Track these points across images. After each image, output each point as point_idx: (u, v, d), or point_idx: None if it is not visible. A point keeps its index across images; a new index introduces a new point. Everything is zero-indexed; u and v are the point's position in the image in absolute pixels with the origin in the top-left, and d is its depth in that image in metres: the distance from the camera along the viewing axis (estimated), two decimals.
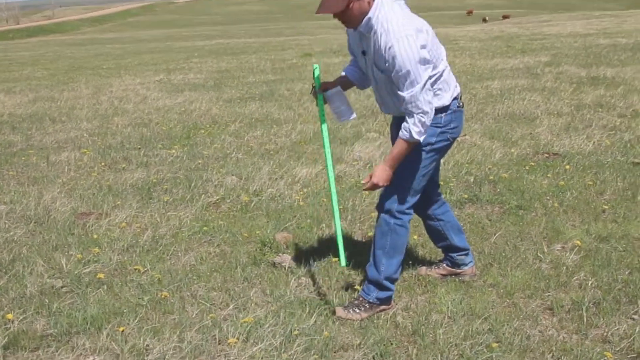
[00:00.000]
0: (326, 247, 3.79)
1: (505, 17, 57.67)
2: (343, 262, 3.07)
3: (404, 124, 2.84)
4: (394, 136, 3.07)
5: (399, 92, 2.81)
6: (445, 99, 2.96)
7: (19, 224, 4.36)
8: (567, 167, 5.16)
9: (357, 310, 3.03)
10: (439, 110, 2.96)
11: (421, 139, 2.85)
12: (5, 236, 4.13)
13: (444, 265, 3.45)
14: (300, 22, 58.20)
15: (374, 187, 2.93)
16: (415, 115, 2.80)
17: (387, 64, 2.80)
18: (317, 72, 3.14)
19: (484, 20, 53.73)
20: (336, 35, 28.92)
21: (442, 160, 5.36)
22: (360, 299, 3.08)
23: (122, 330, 2.91)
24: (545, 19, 36.98)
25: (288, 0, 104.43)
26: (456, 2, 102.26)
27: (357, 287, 3.26)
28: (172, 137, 6.90)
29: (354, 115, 3.20)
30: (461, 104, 3.07)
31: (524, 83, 9.72)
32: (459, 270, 3.41)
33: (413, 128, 2.81)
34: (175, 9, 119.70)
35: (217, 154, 5.99)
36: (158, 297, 3.23)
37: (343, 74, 3.23)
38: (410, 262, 3.54)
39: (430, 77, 2.83)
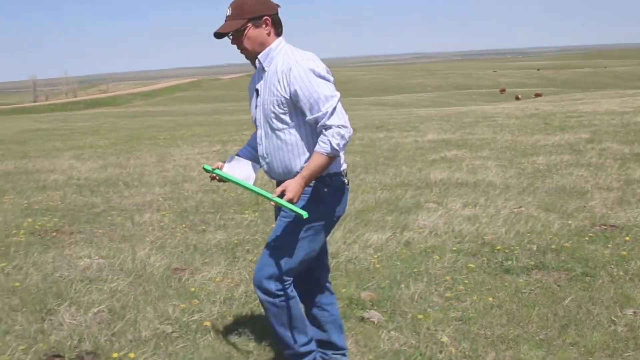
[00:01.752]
0: (410, 305, 4.10)
1: (537, 95, 58.43)
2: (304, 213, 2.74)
3: (322, 137, 2.74)
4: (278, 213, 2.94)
5: (312, 116, 2.73)
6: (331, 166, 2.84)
7: (120, 276, 4.76)
8: (627, 238, 5.42)
9: None
10: (322, 182, 2.86)
11: (341, 152, 2.78)
12: (111, 286, 4.53)
13: None
14: None
15: (290, 201, 2.71)
16: (333, 127, 2.72)
17: (287, 88, 2.75)
18: (207, 167, 3.07)
19: (517, 98, 54.54)
20: (376, 112, 29.76)
21: (504, 229, 5.75)
22: None
23: None
24: (578, 97, 37.39)
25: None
26: (488, 80, 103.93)
27: (444, 339, 3.55)
28: (241, 203, 7.34)
29: (258, 167, 3.08)
30: (347, 180, 2.96)
31: (569, 159, 10.02)
32: None
33: (332, 140, 2.71)
34: (221, 85, 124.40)
35: None
36: (263, 344, 3.56)
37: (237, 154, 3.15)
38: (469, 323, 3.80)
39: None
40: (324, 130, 2.74)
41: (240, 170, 3.03)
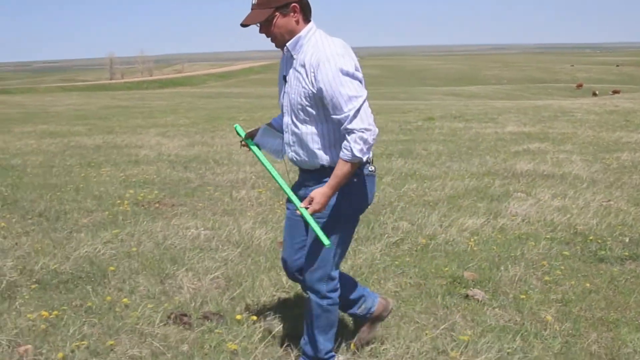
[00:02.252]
0: (510, 286, 4.28)
1: (615, 92, 56.29)
2: (325, 240, 2.78)
3: (344, 143, 2.69)
4: (298, 193, 2.96)
5: (336, 117, 2.69)
6: None
7: (228, 247, 5.10)
8: None
9: None
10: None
11: (364, 157, 2.69)
12: (222, 255, 4.88)
13: (359, 333, 3.40)
14: (412, 88, 59.16)
15: (316, 212, 2.77)
16: (356, 131, 2.64)
17: (315, 84, 2.69)
18: (239, 129, 3.12)
19: (594, 94, 52.72)
20: (450, 102, 29.55)
21: (595, 221, 5.80)
22: None
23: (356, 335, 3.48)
24: None
25: (403, 67, 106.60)
26: (564, 74, 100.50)
27: (548, 318, 3.72)
28: None
29: None
30: (373, 168, 2.92)
31: None
32: (372, 318, 3.33)
33: (354, 146, 2.65)
34: None
35: (382, 202, 6.60)
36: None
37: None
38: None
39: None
40: (347, 135, 2.68)
41: (274, 141, 3.06)
